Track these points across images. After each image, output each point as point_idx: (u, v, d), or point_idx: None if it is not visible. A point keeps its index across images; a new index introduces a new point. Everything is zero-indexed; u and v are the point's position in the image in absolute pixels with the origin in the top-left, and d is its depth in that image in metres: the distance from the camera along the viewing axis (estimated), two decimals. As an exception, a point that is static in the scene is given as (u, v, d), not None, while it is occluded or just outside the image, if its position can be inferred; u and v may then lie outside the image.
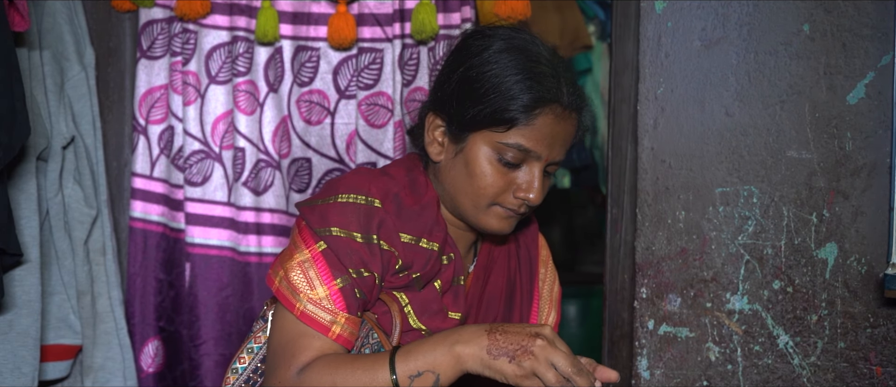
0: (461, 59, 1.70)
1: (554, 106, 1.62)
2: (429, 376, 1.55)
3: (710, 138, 2.08)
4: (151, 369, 2.48)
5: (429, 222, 1.72)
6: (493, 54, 1.65)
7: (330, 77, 2.46)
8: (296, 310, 1.64)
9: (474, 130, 1.65)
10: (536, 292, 1.92)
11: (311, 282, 1.65)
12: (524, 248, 1.91)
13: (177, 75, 2.43)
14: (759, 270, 2.07)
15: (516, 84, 1.61)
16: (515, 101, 1.61)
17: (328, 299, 1.64)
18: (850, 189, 2.03)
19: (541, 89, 1.61)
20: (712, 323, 2.10)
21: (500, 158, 1.65)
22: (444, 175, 1.73)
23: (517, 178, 1.66)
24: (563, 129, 1.65)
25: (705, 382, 2.10)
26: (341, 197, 1.68)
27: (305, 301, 1.64)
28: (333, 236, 1.66)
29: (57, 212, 2.34)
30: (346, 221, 1.66)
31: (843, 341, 2.05)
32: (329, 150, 2.46)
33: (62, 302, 2.37)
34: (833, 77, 2.03)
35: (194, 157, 2.44)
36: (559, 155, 1.67)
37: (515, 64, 1.63)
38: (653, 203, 2.11)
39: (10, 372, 2.22)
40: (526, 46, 1.65)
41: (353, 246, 1.65)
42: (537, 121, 1.61)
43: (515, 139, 1.62)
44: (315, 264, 1.66)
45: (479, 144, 1.66)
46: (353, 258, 1.65)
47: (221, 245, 2.46)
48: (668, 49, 2.10)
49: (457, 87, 1.68)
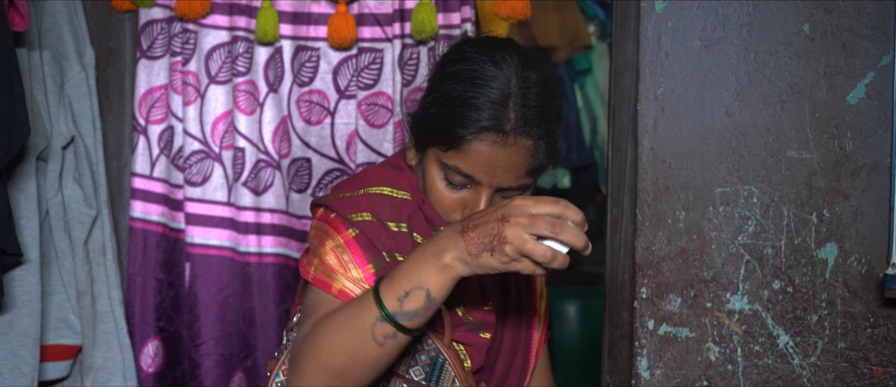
0: (429, 75, 1.72)
1: (489, 133, 1.58)
2: (417, 293, 1.49)
3: (711, 138, 2.08)
4: (151, 369, 2.48)
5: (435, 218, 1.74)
6: (445, 76, 1.65)
7: (330, 77, 2.46)
8: (333, 289, 1.63)
9: (427, 145, 1.67)
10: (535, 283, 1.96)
11: (346, 265, 1.65)
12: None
13: (177, 75, 2.44)
14: (759, 270, 2.07)
15: (455, 109, 1.60)
16: (452, 125, 1.60)
17: (364, 281, 1.64)
18: (851, 189, 2.03)
19: (476, 116, 1.58)
20: (712, 323, 2.09)
21: (445, 178, 1.65)
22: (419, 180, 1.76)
23: (466, 199, 1.66)
24: (504, 156, 1.60)
25: (705, 382, 2.10)
26: (372, 189, 1.72)
27: (343, 280, 1.64)
28: (366, 222, 1.67)
29: (57, 212, 2.34)
30: (378, 209, 1.69)
31: (844, 341, 2.05)
32: (329, 150, 2.46)
33: (62, 302, 2.38)
34: (833, 77, 2.03)
35: (194, 157, 2.44)
36: (507, 181, 1.63)
37: (459, 88, 1.61)
38: (653, 203, 2.11)
39: (10, 372, 2.22)
40: (478, 70, 1.61)
41: (387, 233, 1.67)
42: (471, 147, 1.59)
43: (454, 162, 1.62)
44: (349, 249, 1.67)
45: (431, 160, 1.67)
46: (386, 243, 1.67)
47: (221, 245, 2.46)
48: (668, 49, 2.09)
49: (419, 103, 1.72)
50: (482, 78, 1.61)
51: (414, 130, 1.72)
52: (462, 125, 1.59)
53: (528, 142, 1.62)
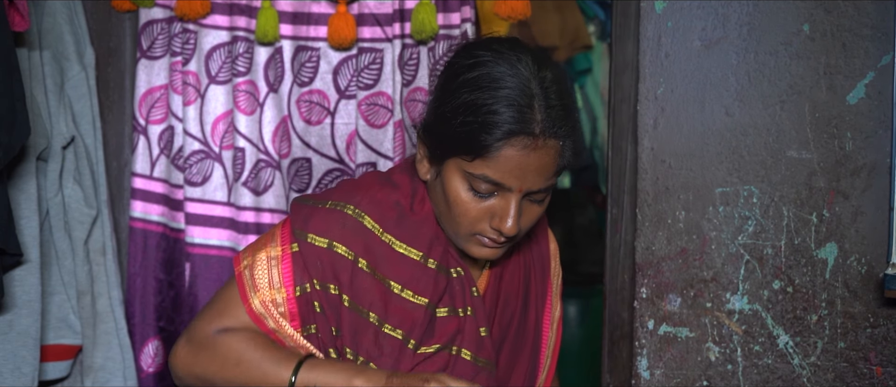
0: (441, 83, 1.67)
1: (520, 137, 1.55)
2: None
3: (711, 138, 2.08)
4: (151, 369, 2.48)
5: (428, 236, 1.71)
6: (463, 83, 1.60)
7: (330, 77, 2.46)
8: (247, 301, 1.71)
9: (447, 156, 1.62)
10: (549, 287, 1.91)
11: (272, 281, 1.70)
12: (536, 242, 1.89)
13: (177, 75, 2.43)
14: (759, 270, 2.07)
15: (480, 117, 1.56)
16: (477, 134, 1.56)
17: (284, 303, 1.69)
18: (850, 189, 2.03)
19: (504, 122, 1.54)
20: (712, 323, 2.10)
21: (471, 188, 1.61)
22: (431, 195, 1.72)
23: (494, 207, 1.61)
24: (535, 159, 1.57)
25: (705, 382, 2.10)
26: (329, 203, 1.71)
27: (258, 300, 1.70)
28: (308, 244, 1.68)
29: (57, 212, 2.34)
30: (331, 230, 1.69)
31: (843, 341, 2.05)
32: (329, 150, 2.46)
33: (62, 302, 2.38)
34: (833, 77, 2.03)
35: (194, 157, 2.44)
36: (537, 184, 1.60)
37: (481, 95, 1.57)
38: (653, 203, 2.11)
39: (11, 372, 2.22)
40: (497, 74, 1.58)
41: (328, 256, 1.68)
42: (501, 153, 1.55)
43: (482, 171, 1.58)
44: (281, 264, 1.70)
45: (453, 171, 1.62)
46: (323, 270, 1.68)
47: (221, 245, 2.46)
48: (668, 49, 2.10)
49: (432, 111, 1.66)
50: (502, 82, 1.57)
51: (430, 143, 1.66)
52: (489, 132, 1.54)
53: (556, 142, 1.58)
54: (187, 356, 1.73)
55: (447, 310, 1.71)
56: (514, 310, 1.81)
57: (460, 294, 1.72)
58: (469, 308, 1.72)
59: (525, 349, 1.83)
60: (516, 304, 1.82)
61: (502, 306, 1.80)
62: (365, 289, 1.68)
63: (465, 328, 1.71)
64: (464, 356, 1.71)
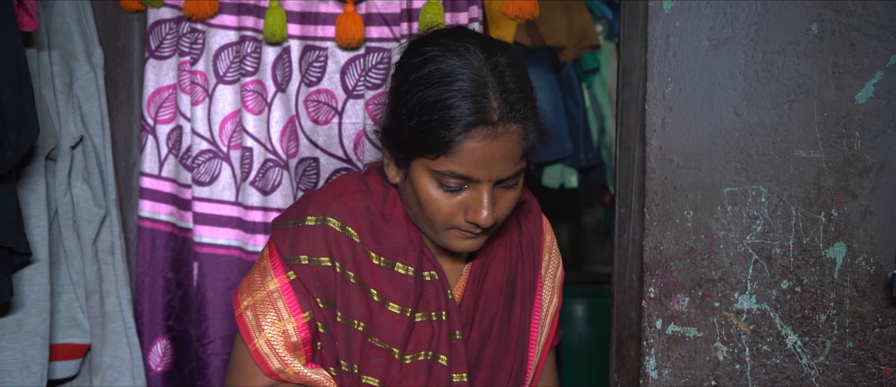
0: (394, 85, 1.65)
1: (480, 128, 1.53)
2: None
3: (719, 138, 2.08)
4: (160, 369, 2.48)
5: (401, 242, 1.71)
6: (415, 82, 1.58)
7: (338, 77, 2.46)
8: (251, 344, 1.70)
9: (411, 158, 1.61)
10: (539, 282, 1.89)
11: (280, 313, 1.69)
12: (527, 235, 1.87)
13: (185, 75, 2.44)
14: (767, 269, 2.07)
15: (436, 114, 1.54)
16: (436, 131, 1.54)
17: (296, 333, 1.68)
18: (859, 189, 2.02)
19: (461, 115, 1.53)
20: (720, 323, 2.09)
21: (440, 185, 1.59)
22: (403, 197, 1.71)
23: (466, 200, 1.60)
24: (498, 147, 1.55)
25: (713, 381, 2.10)
26: (309, 219, 1.69)
27: (261, 340, 1.69)
28: (302, 266, 1.68)
29: (65, 211, 2.34)
30: (313, 246, 1.68)
31: (852, 340, 2.04)
32: (337, 149, 2.46)
33: (71, 301, 2.38)
34: (841, 76, 2.02)
35: (202, 156, 2.44)
36: (506, 171, 1.58)
37: (433, 91, 1.55)
38: (661, 203, 2.11)
39: (20, 371, 2.22)
40: (447, 68, 1.56)
41: (321, 272, 1.67)
42: (463, 147, 1.54)
43: (447, 167, 1.56)
44: (284, 296, 1.69)
45: (420, 172, 1.61)
46: (319, 289, 1.67)
47: (229, 245, 2.46)
48: (676, 48, 2.09)
49: (390, 114, 1.65)
50: (453, 75, 1.55)
51: (391, 147, 1.65)
52: (448, 128, 1.53)
53: (517, 126, 1.57)
54: None
55: (422, 315, 1.71)
56: (497, 309, 1.79)
57: (434, 298, 1.72)
58: (443, 312, 1.72)
59: (509, 348, 1.81)
60: (498, 304, 1.80)
61: (484, 307, 1.78)
62: (353, 300, 1.68)
63: (440, 333, 1.71)
64: (440, 362, 1.71)
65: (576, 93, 4.32)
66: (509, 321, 1.81)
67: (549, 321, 1.91)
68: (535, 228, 1.90)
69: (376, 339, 1.68)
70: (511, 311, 1.82)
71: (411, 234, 1.72)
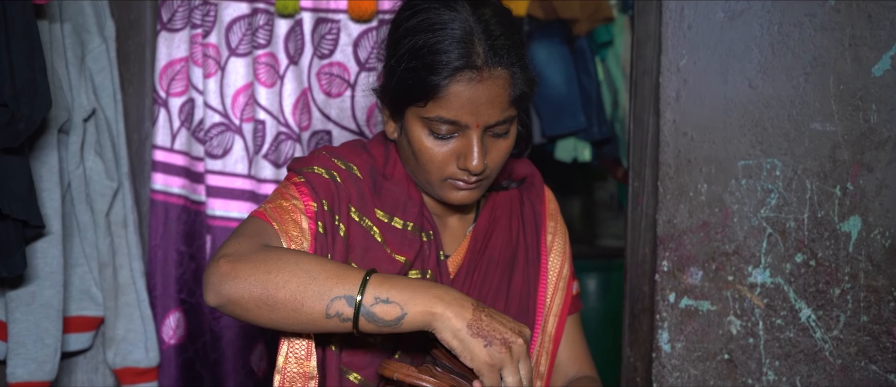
0: (386, 39, 1.72)
1: (465, 72, 1.59)
2: (395, 307, 1.47)
3: (733, 111, 2.06)
4: (173, 341, 2.49)
5: (401, 199, 1.76)
6: (405, 33, 1.64)
7: (350, 49, 2.45)
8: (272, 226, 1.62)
9: (404, 107, 1.67)
10: (544, 248, 1.91)
11: (295, 204, 1.66)
12: (528, 204, 1.91)
13: (197, 48, 2.44)
14: (781, 243, 2.06)
15: (424, 59, 1.60)
16: (424, 77, 1.60)
17: (304, 211, 1.65)
18: (875, 162, 2.01)
19: (447, 60, 1.59)
20: (734, 296, 2.09)
21: (431, 133, 1.65)
22: (400, 153, 1.77)
23: (457, 148, 1.65)
24: (484, 91, 1.60)
25: (726, 355, 2.10)
26: (324, 152, 1.75)
27: (284, 230, 1.62)
28: (314, 173, 1.70)
29: (78, 184, 2.35)
30: (329, 165, 1.72)
31: (866, 314, 2.04)
32: (349, 122, 2.46)
33: (84, 274, 2.39)
34: (858, 49, 2.01)
35: (215, 129, 2.44)
36: (494, 116, 1.63)
37: (422, 38, 1.61)
38: (674, 176, 2.10)
39: (34, 343, 2.23)
40: (435, 18, 1.63)
41: (330, 187, 1.69)
42: (450, 91, 1.59)
43: (436, 112, 1.62)
44: (296, 191, 1.69)
45: (413, 121, 1.67)
46: (327, 193, 1.68)
47: (242, 217, 2.46)
48: (690, 21, 2.08)
49: (384, 70, 1.72)
50: (440, 23, 1.62)
51: (386, 99, 1.72)
52: (435, 72, 1.59)
53: (503, 71, 1.62)
54: (229, 269, 1.51)
55: (416, 272, 1.74)
56: (498, 276, 1.83)
57: (429, 257, 1.75)
58: (429, 272, 1.74)
59: (510, 314, 1.82)
60: (498, 270, 1.83)
61: (484, 272, 1.81)
62: (354, 234, 1.70)
63: None
64: None
65: (589, 66, 4.30)
66: (510, 287, 1.84)
67: (562, 286, 1.91)
68: (537, 197, 1.94)
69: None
70: (512, 278, 1.85)
71: (411, 192, 1.77)
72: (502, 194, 1.89)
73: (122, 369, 2.42)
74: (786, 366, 2.08)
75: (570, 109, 4.17)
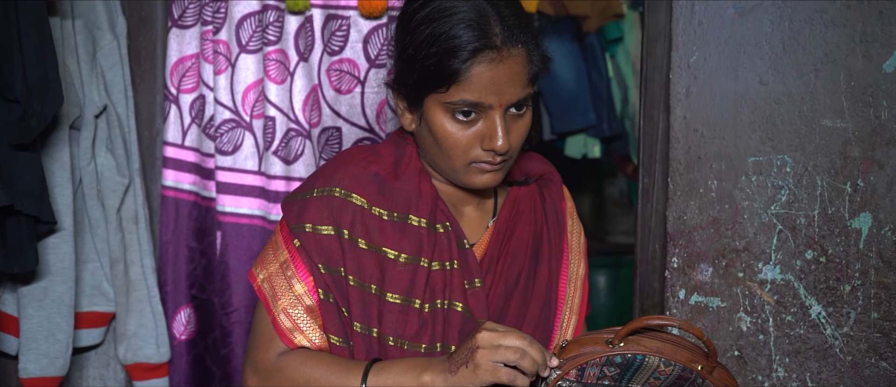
0: (398, 32, 1.74)
1: (485, 52, 1.62)
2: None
3: (744, 107, 2.06)
4: (184, 337, 2.50)
5: (412, 195, 1.78)
6: (419, 22, 1.67)
7: (360, 46, 2.45)
8: (271, 313, 1.76)
9: (423, 96, 1.69)
10: (566, 245, 1.92)
11: (291, 281, 1.76)
12: (550, 200, 1.92)
13: (208, 44, 2.44)
14: (791, 239, 2.06)
15: (443, 44, 1.62)
16: (445, 62, 1.62)
17: (307, 295, 1.75)
18: (886, 158, 2.01)
19: (466, 42, 1.61)
20: (744, 293, 2.09)
21: (454, 117, 1.67)
22: (420, 143, 1.79)
23: (480, 130, 1.67)
24: (505, 70, 1.64)
25: (737, 351, 2.09)
26: (315, 191, 1.78)
27: (279, 309, 1.76)
28: (307, 233, 1.75)
29: (90, 180, 2.35)
30: (319, 216, 1.75)
31: (877, 311, 2.03)
32: (359, 119, 2.46)
33: (95, 270, 2.40)
34: (869, 45, 2.00)
35: (225, 126, 2.45)
36: (515, 95, 1.66)
37: (438, 25, 1.64)
38: (685, 172, 2.10)
39: (45, 339, 2.24)
40: (448, 5, 1.65)
41: (324, 243, 1.74)
42: (472, 73, 1.62)
43: (459, 96, 1.64)
44: (292, 264, 1.76)
45: (433, 108, 1.68)
46: (327, 256, 1.74)
47: (252, 214, 2.47)
48: (701, 17, 2.08)
49: (398, 60, 1.74)
50: (453, 9, 1.65)
51: (403, 90, 1.74)
52: (455, 56, 1.61)
53: (520, 49, 1.65)
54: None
55: (437, 264, 1.76)
56: (524, 264, 1.84)
57: (447, 248, 1.77)
58: (455, 261, 1.77)
59: (533, 305, 1.85)
60: (524, 261, 1.85)
61: (510, 261, 1.84)
62: (365, 265, 1.74)
63: (452, 281, 1.77)
64: (456, 309, 1.76)
65: (599, 62, 4.30)
66: (536, 277, 1.86)
67: (580, 285, 1.92)
68: (557, 194, 1.94)
69: (390, 294, 1.73)
70: (538, 268, 1.87)
71: (423, 187, 1.79)
72: (523, 190, 1.90)
73: (133, 365, 2.43)
74: (796, 362, 2.07)
75: (580, 105, 4.17)
